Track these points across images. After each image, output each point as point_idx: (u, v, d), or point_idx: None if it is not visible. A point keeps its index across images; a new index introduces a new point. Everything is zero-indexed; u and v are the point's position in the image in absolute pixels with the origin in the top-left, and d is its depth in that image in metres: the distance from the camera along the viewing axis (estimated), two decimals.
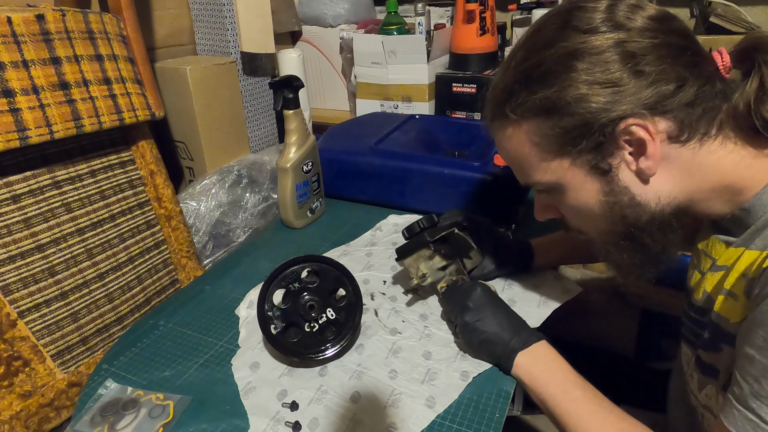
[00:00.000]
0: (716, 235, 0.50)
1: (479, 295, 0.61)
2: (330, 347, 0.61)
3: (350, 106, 1.43)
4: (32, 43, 0.72)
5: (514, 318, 0.60)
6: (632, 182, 0.47)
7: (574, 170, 0.48)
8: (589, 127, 0.45)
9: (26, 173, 0.75)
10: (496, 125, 0.53)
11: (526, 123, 0.49)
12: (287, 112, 0.86)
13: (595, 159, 0.47)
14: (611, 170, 0.47)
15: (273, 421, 0.54)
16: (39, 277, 0.76)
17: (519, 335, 0.58)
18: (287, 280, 0.62)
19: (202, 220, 1.04)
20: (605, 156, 0.46)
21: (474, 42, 1.19)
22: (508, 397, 0.56)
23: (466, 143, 1.07)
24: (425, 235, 0.68)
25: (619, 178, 0.47)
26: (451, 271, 0.70)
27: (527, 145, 0.50)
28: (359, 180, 0.99)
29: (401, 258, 0.69)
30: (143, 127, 0.91)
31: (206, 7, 1.17)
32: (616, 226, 0.50)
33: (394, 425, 0.53)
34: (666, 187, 0.47)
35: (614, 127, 0.44)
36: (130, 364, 0.63)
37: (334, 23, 1.35)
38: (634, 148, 0.46)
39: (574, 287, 0.73)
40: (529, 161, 0.51)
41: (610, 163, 0.47)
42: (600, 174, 0.48)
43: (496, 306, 0.61)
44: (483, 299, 0.61)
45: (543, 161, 0.50)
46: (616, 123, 0.44)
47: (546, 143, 0.48)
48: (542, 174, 0.51)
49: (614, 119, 0.44)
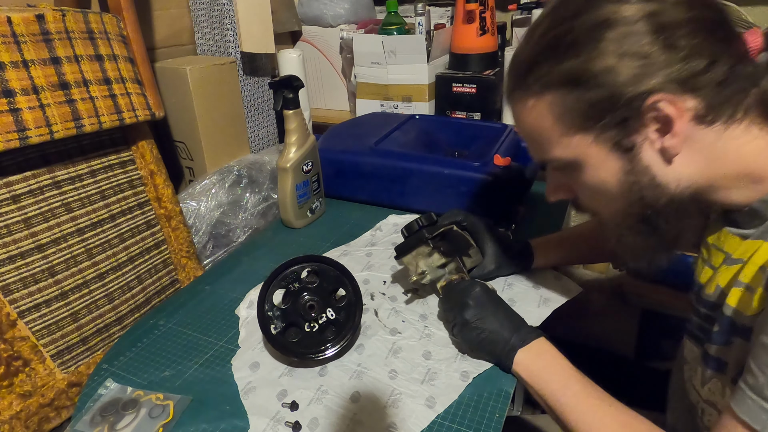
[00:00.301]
0: (728, 228, 0.49)
1: (479, 293, 0.61)
2: (330, 347, 0.61)
3: (350, 106, 1.43)
4: (32, 43, 0.72)
5: (513, 316, 0.60)
6: (654, 162, 0.46)
7: (596, 147, 0.47)
8: (616, 101, 0.43)
9: (26, 173, 0.75)
10: (516, 97, 0.50)
11: (549, 95, 0.47)
12: (287, 112, 0.86)
13: (619, 135, 0.45)
14: (634, 148, 0.45)
15: (273, 421, 0.54)
16: (39, 277, 0.76)
17: (518, 333, 0.58)
18: (287, 280, 0.62)
19: (202, 220, 1.04)
20: (629, 133, 0.45)
21: (474, 42, 1.19)
22: (508, 397, 0.56)
23: (466, 143, 1.07)
24: (424, 232, 0.68)
25: (641, 157, 0.46)
26: (451, 270, 0.70)
27: (548, 118, 0.48)
28: (359, 180, 0.99)
29: (400, 256, 0.69)
30: (143, 127, 0.91)
31: (206, 7, 1.17)
32: (633, 207, 0.48)
33: (394, 425, 0.53)
34: (687, 170, 0.46)
35: (641, 102, 0.43)
36: (130, 364, 0.63)
37: (334, 23, 1.35)
38: (659, 125, 0.44)
39: (574, 287, 0.73)
40: (548, 136, 0.49)
41: (634, 141, 0.45)
42: (622, 152, 0.46)
43: (495, 304, 0.61)
44: (483, 298, 0.61)
45: (563, 136, 0.48)
46: (643, 98, 0.42)
47: (569, 117, 0.46)
48: (561, 150, 0.49)
49: (642, 93, 0.42)
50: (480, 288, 0.62)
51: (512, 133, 1.03)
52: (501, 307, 0.61)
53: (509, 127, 1.06)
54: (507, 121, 1.17)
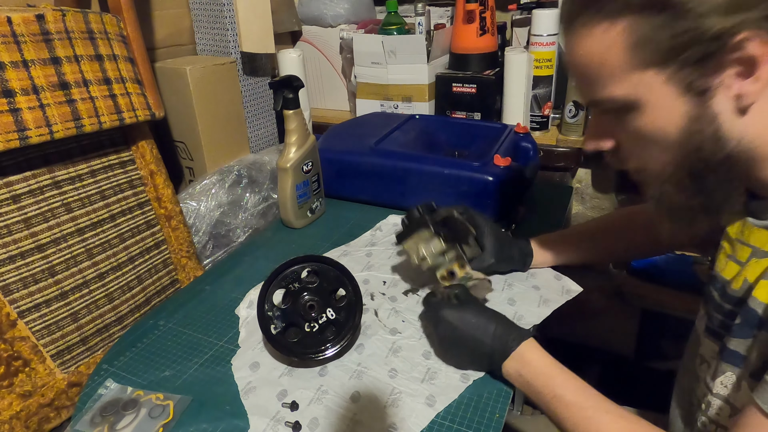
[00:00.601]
0: (750, 220, 0.47)
1: (450, 311, 0.59)
2: (330, 347, 0.61)
3: (350, 106, 1.43)
4: (32, 43, 0.72)
5: (490, 323, 0.57)
6: (725, 110, 0.42)
7: (667, 87, 0.42)
8: (700, 34, 0.39)
9: (26, 173, 0.75)
10: (581, 21, 0.44)
11: (626, 20, 0.41)
12: (287, 112, 0.86)
13: (695, 75, 0.41)
14: (708, 92, 0.41)
15: (273, 421, 0.54)
16: (39, 277, 0.76)
17: (500, 341, 0.55)
18: (287, 280, 0.62)
19: (202, 220, 1.04)
20: (707, 73, 0.41)
21: (474, 42, 1.19)
22: (508, 397, 0.56)
23: (466, 143, 1.07)
24: (426, 216, 0.69)
25: (712, 103, 0.42)
26: (451, 258, 0.69)
27: (619, 48, 0.42)
28: (359, 180, 0.99)
29: (401, 240, 0.69)
30: (143, 127, 0.91)
31: (206, 7, 1.17)
32: (686, 159, 0.45)
33: (394, 425, 0.53)
34: (754, 128, 0.42)
35: (729, 39, 0.38)
36: (130, 364, 0.63)
37: (334, 23, 1.35)
38: (741, 67, 0.40)
39: (574, 287, 0.73)
40: (611, 70, 0.43)
41: (710, 83, 0.41)
42: (694, 95, 0.42)
43: (468, 319, 0.58)
44: (454, 314, 0.58)
45: (632, 71, 0.42)
46: (732, 34, 0.38)
47: (645, 48, 0.41)
48: (623, 87, 0.43)
49: (732, 28, 0.38)
50: (449, 309, 0.59)
51: (512, 133, 1.03)
52: (475, 317, 0.58)
53: (509, 127, 1.06)
54: (507, 121, 1.17)
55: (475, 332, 0.57)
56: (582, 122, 1.11)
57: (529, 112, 1.19)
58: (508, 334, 0.56)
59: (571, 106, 1.10)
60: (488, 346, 0.56)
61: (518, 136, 1.03)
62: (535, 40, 1.13)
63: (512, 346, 0.55)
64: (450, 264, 0.68)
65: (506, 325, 0.57)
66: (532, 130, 1.19)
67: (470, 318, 0.58)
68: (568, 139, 1.13)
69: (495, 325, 0.57)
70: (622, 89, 0.44)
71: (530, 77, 1.14)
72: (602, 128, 0.50)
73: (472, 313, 0.58)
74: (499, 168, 0.88)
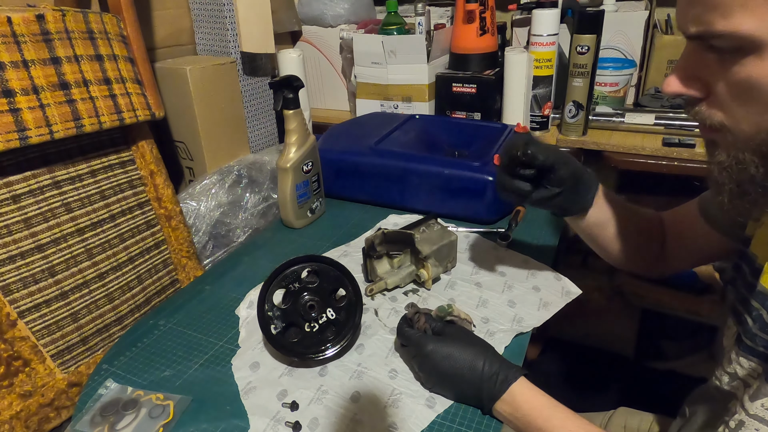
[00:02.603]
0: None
1: (433, 345, 0.55)
2: (330, 347, 0.61)
3: (350, 106, 1.43)
4: (32, 43, 0.72)
5: (477, 359, 0.53)
6: None
7: None
8: None
9: (26, 173, 0.75)
10: None
11: None
12: (287, 112, 0.86)
13: None
14: None
15: (273, 421, 0.54)
16: (39, 277, 0.76)
17: (489, 382, 0.52)
18: (287, 280, 0.62)
19: (202, 220, 1.04)
20: None
21: (474, 42, 1.19)
22: None
23: (466, 143, 1.07)
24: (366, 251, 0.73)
25: None
26: (408, 266, 0.75)
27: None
28: (359, 180, 0.99)
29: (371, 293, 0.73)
30: (143, 127, 0.91)
31: (206, 7, 1.17)
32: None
33: (394, 425, 0.53)
34: None
35: None
36: (130, 364, 0.63)
37: (334, 23, 1.35)
38: None
39: (574, 289, 0.73)
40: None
41: None
42: None
43: (453, 356, 0.54)
44: (438, 350, 0.54)
45: None
46: None
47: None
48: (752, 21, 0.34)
49: None
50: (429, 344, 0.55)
51: (512, 133, 1.03)
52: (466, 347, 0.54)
53: (509, 127, 1.06)
54: (507, 121, 1.17)
55: (461, 370, 0.53)
56: (582, 122, 1.11)
57: (529, 112, 1.19)
58: (497, 374, 0.52)
59: (571, 106, 1.10)
60: (476, 387, 0.52)
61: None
62: (535, 40, 1.13)
63: (502, 388, 0.51)
64: (411, 272, 0.74)
65: (494, 361, 0.53)
66: (532, 130, 1.19)
67: (456, 353, 0.54)
68: (568, 139, 1.13)
69: (482, 361, 0.53)
70: (751, 23, 0.34)
71: (530, 77, 1.14)
72: (697, 70, 0.40)
73: (457, 347, 0.54)
74: None
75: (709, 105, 0.41)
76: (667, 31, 1.22)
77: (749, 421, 0.45)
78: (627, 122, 1.12)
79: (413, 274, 0.75)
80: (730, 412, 0.48)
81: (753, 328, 0.47)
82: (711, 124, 0.41)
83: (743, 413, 0.46)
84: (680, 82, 0.41)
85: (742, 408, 0.46)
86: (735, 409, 0.47)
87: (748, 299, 0.48)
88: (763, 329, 0.46)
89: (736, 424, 0.46)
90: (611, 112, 1.14)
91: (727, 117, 0.40)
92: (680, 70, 0.41)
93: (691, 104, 0.42)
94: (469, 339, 0.56)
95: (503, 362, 0.53)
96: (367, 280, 0.75)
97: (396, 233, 0.72)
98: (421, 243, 0.72)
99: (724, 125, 0.40)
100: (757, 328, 0.46)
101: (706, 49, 0.38)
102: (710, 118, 0.41)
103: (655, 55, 1.16)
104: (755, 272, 0.49)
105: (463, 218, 0.92)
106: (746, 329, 0.48)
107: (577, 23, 1.04)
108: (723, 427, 0.47)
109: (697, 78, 0.40)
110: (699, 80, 0.40)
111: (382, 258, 0.75)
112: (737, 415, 0.46)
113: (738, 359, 0.50)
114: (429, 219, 0.77)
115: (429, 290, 0.74)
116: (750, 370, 0.49)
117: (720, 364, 0.53)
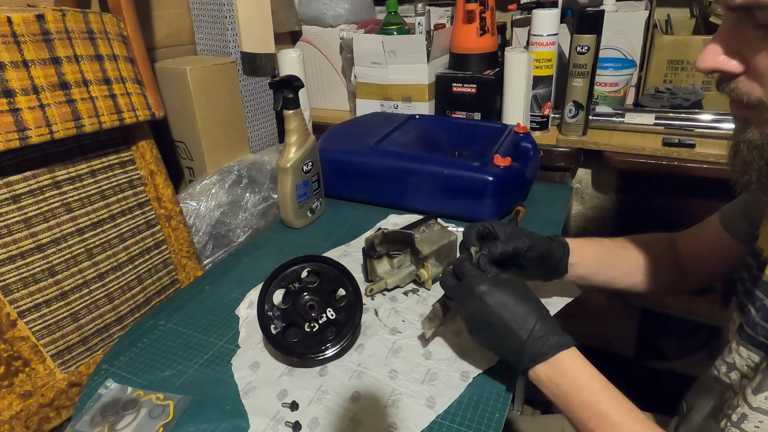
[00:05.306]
0: None
1: (488, 287, 0.52)
2: (330, 347, 0.61)
3: (350, 106, 1.43)
4: (32, 43, 0.72)
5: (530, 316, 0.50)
6: None
7: None
8: None
9: (26, 173, 0.75)
10: None
11: None
12: (287, 112, 0.86)
13: None
14: None
15: (273, 421, 0.54)
16: (39, 277, 0.76)
17: (537, 342, 0.49)
18: (287, 280, 0.62)
19: (202, 220, 1.04)
20: None
21: (474, 42, 1.19)
22: (508, 397, 0.56)
23: (466, 143, 1.08)
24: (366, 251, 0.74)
25: None
26: (411, 263, 0.76)
27: None
28: (359, 180, 0.99)
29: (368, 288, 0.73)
30: (143, 127, 0.91)
31: (206, 7, 1.17)
32: None
33: (394, 425, 0.53)
34: None
35: None
36: (130, 364, 0.63)
37: (334, 23, 1.35)
38: None
39: (573, 289, 0.73)
40: None
41: None
42: None
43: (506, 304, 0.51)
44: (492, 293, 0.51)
45: None
46: None
47: None
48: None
49: None
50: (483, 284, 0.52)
51: (512, 133, 1.03)
52: (523, 300, 0.51)
53: (509, 127, 1.06)
54: (507, 121, 1.17)
55: (511, 322, 0.50)
56: (582, 122, 1.11)
57: (529, 112, 1.19)
58: (547, 336, 0.49)
59: (571, 106, 1.10)
60: (521, 343, 0.49)
61: (518, 136, 1.03)
62: (535, 40, 1.13)
63: (550, 351, 0.49)
64: (411, 272, 0.75)
65: (547, 323, 0.51)
66: (532, 130, 1.19)
67: (509, 303, 0.51)
68: (568, 139, 1.13)
69: (535, 320, 0.50)
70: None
71: (530, 77, 1.14)
72: (736, 45, 0.39)
73: (512, 298, 0.51)
74: (499, 168, 0.88)
75: (749, 80, 0.39)
76: (667, 31, 1.22)
77: (752, 414, 0.45)
78: (627, 122, 1.12)
79: (413, 274, 0.75)
80: (732, 405, 0.48)
81: (756, 317, 0.48)
82: (748, 101, 0.40)
83: (746, 406, 0.46)
84: (719, 57, 0.40)
85: (744, 401, 0.46)
86: (737, 401, 0.47)
87: (753, 291, 0.49)
88: (765, 318, 0.46)
89: (739, 417, 0.46)
90: (611, 112, 1.14)
91: (766, 93, 0.39)
92: (718, 44, 0.40)
93: (726, 80, 0.41)
94: (526, 295, 0.53)
95: (556, 327, 0.51)
96: (367, 280, 0.75)
97: (396, 233, 0.72)
98: (421, 243, 0.72)
99: (762, 102, 0.39)
100: (759, 318, 0.47)
101: (748, 22, 0.37)
102: (748, 94, 0.40)
103: (655, 55, 1.16)
104: (761, 265, 0.50)
105: (463, 218, 0.92)
106: (749, 319, 0.49)
107: (577, 23, 1.04)
108: (725, 420, 0.48)
109: (736, 53, 0.39)
110: (738, 55, 0.39)
111: (382, 258, 0.75)
112: (740, 408, 0.46)
113: (738, 348, 0.51)
114: (429, 219, 0.77)
115: (429, 290, 0.74)
116: (748, 360, 0.49)
117: (720, 354, 0.54)
